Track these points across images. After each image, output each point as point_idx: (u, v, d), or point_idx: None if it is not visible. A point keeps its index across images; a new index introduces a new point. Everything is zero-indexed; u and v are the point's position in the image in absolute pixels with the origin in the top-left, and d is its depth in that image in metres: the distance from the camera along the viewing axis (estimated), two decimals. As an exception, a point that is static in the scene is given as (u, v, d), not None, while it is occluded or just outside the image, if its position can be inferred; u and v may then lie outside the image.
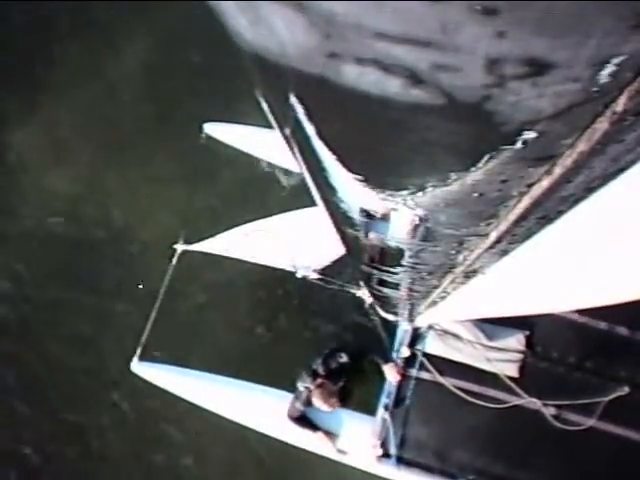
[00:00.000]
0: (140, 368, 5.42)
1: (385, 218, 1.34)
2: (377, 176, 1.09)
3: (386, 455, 4.99)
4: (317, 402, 4.90)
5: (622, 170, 0.99)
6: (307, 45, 0.66)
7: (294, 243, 5.08)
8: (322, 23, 0.60)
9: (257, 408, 5.33)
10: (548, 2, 0.54)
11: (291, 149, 1.18)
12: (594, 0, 0.54)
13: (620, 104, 0.73)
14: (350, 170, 1.08)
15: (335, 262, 4.84)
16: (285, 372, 5.96)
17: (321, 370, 5.06)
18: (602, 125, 0.77)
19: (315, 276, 5.01)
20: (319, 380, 4.99)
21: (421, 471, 4.96)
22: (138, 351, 5.37)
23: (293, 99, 0.84)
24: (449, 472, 4.94)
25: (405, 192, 1.08)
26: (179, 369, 5.54)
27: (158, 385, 5.52)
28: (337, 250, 2.25)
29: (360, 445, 5.04)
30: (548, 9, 0.54)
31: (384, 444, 4.98)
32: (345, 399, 5.13)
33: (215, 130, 6.14)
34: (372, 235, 1.46)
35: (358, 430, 5.06)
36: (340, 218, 1.49)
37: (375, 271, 2.19)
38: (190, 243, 5.58)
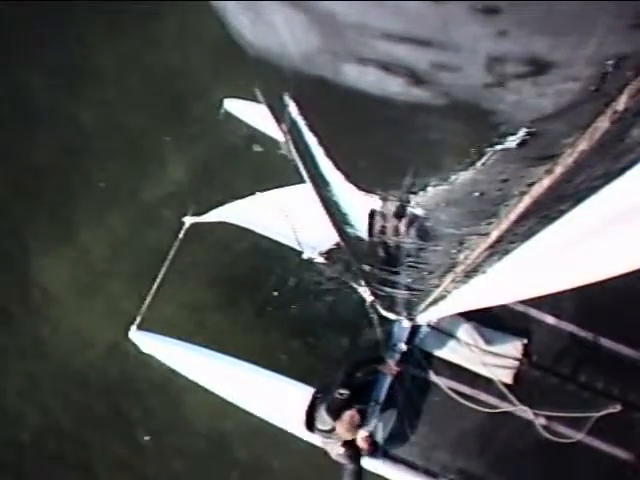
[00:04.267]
0: (138, 337, 5.37)
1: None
2: (378, 176, 1.09)
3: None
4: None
5: (624, 170, 0.99)
6: (307, 44, 0.66)
7: (300, 219, 4.81)
8: (322, 22, 0.60)
9: (253, 389, 5.30)
10: (549, 1, 0.53)
11: (288, 148, 1.18)
12: (595, 0, 0.54)
13: (621, 103, 0.73)
14: (347, 174, 1.08)
15: (339, 247, 4.70)
16: (281, 359, 5.98)
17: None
18: (603, 124, 0.77)
19: (320, 260, 4.81)
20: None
21: (405, 467, 4.98)
22: (137, 319, 5.32)
23: (289, 102, 0.84)
24: (432, 471, 4.96)
25: (406, 192, 1.08)
26: (175, 341, 5.47)
27: (153, 356, 5.48)
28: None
29: None
30: (549, 8, 0.54)
31: (372, 437, 4.98)
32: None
33: (234, 107, 6.00)
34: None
35: None
36: (340, 217, 1.49)
37: (375, 270, 2.19)
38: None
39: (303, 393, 5.02)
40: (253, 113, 5.98)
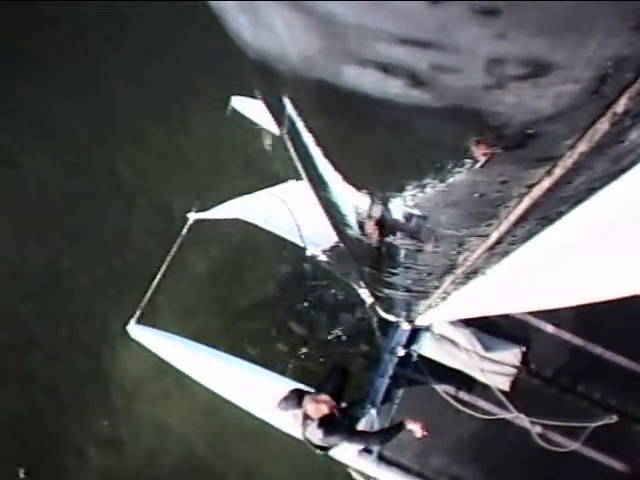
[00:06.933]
0: (136, 331, 5.39)
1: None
2: (377, 177, 1.09)
3: (367, 450, 5.00)
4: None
5: (624, 171, 0.99)
6: (307, 46, 0.66)
7: (304, 215, 4.82)
8: (322, 24, 0.60)
9: (248, 386, 5.30)
10: (548, 2, 0.53)
11: (288, 148, 1.18)
12: (595, 0, 0.54)
13: (621, 105, 0.73)
14: (345, 175, 1.08)
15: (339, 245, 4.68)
16: (278, 360, 5.96)
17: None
18: (603, 126, 0.77)
19: (323, 258, 4.79)
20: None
21: (399, 471, 4.99)
22: (137, 313, 5.33)
23: (287, 103, 0.84)
24: (426, 475, 4.96)
25: (405, 193, 1.08)
26: (175, 337, 5.48)
27: (151, 350, 5.49)
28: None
29: None
30: (548, 10, 0.54)
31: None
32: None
33: (242, 104, 6.04)
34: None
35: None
36: (338, 218, 1.49)
37: (375, 271, 2.19)
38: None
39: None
40: (259, 111, 6.01)
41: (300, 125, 0.92)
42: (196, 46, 6.68)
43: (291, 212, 4.76)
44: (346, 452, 5.04)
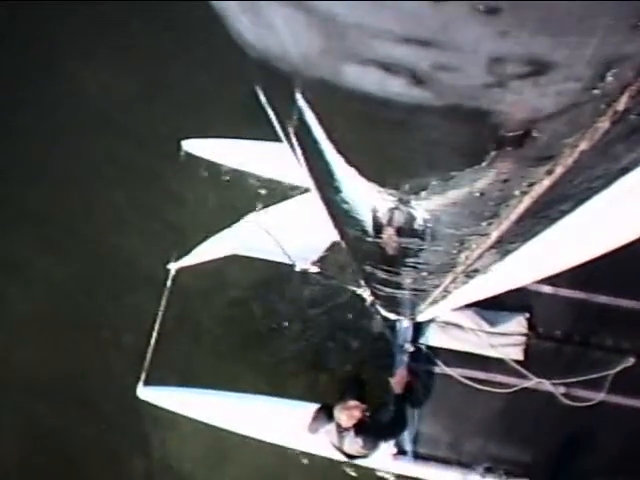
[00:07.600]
0: (146, 393, 5.29)
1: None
2: (379, 175, 1.09)
3: (402, 452, 5.01)
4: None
5: (624, 171, 0.99)
6: (308, 45, 0.66)
7: (286, 233, 4.86)
8: (323, 23, 0.60)
9: (273, 421, 5.22)
10: (550, 2, 0.54)
11: (293, 149, 1.18)
12: (595, 0, 0.54)
13: (621, 103, 0.73)
14: (358, 170, 1.08)
15: (331, 252, 4.71)
16: (291, 385, 5.88)
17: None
18: (603, 124, 0.77)
19: (314, 269, 4.82)
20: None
21: (438, 464, 4.97)
22: (142, 376, 5.20)
23: (300, 99, 0.84)
24: (465, 462, 4.95)
25: (407, 191, 1.08)
26: (187, 389, 5.42)
27: (167, 408, 5.41)
28: (330, 236, 2.16)
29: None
30: (550, 9, 0.54)
31: (398, 441, 4.98)
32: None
33: (193, 146, 6.02)
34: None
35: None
36: (342, 218, 1.49)
37: (377, 271, 2.19)
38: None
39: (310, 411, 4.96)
40: (213, 149, 6.02)
41: (312, 121, 0.92)
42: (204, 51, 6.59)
43: (271, 234, 4.79)
44: (382, 459, 5.02)
